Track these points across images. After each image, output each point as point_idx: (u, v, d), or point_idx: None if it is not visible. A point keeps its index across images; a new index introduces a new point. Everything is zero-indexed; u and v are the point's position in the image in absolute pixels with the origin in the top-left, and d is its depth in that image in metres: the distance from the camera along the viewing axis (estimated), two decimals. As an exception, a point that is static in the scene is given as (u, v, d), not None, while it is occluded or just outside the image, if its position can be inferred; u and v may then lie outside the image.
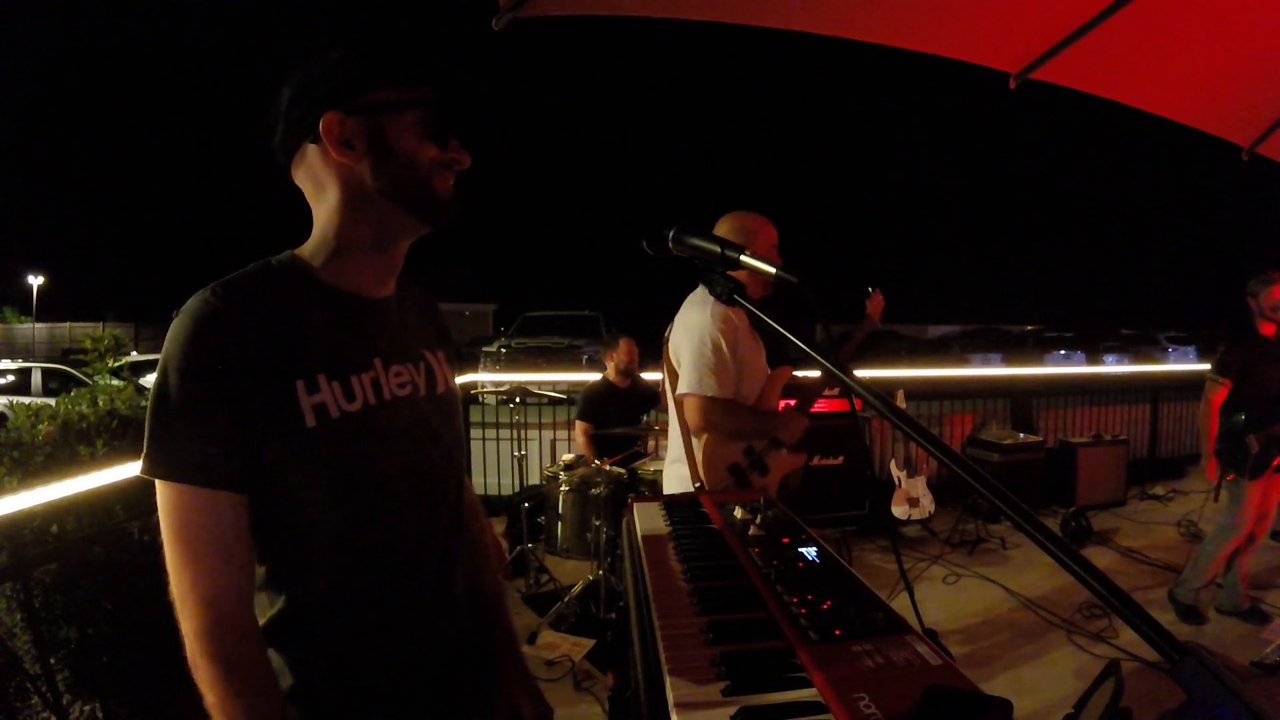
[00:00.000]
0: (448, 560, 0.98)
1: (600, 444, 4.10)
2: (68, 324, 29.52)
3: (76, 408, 2.39)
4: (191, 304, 0.78)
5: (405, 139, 0.84)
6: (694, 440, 2.03)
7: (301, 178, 0.89)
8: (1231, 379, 3.21)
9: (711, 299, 1.84)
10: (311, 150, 0.85)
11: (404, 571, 0.90)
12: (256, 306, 0.80)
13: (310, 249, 0.89)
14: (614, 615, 1.20)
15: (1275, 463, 3.15)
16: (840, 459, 4.80)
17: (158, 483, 0.77)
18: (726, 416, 1.96)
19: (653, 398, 4.32)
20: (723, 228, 2.05)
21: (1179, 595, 3.39)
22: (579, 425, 4.24)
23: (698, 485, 1.99)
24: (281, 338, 0.81)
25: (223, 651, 0.75)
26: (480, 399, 6.31)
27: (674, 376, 2.06)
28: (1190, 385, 7.17)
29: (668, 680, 0.75)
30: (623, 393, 4.28)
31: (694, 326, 1.99)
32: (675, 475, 2.12)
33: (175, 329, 0.77)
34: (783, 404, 2.15)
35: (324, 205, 0.87)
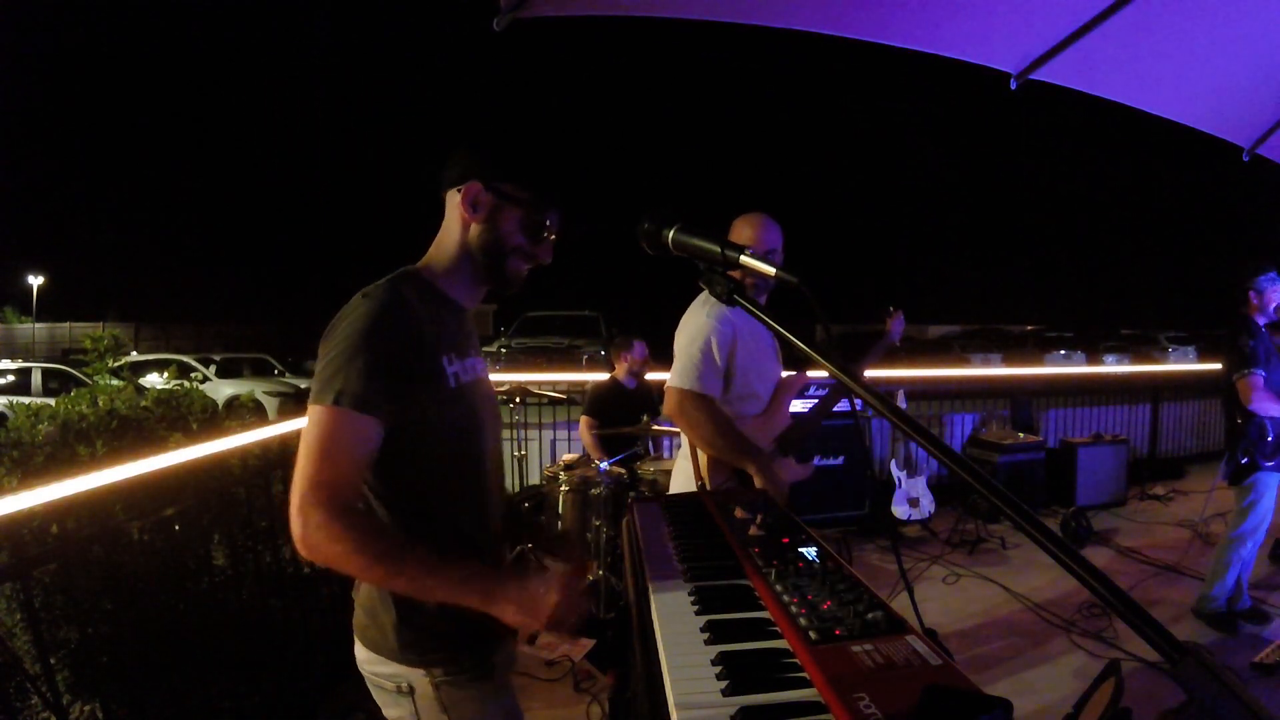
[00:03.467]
0: (499, 486, 1.33)
1: (602, 442, 4.10)
2: (68, 324, 29.52)
3: (76, 408, 2.39)
4: (374, 294, 1.08)
5: (507, 224, 1.16)
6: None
7: (447, 209, 1.19)
8: (1263, 368, 3.05)
9: (713, 300, 1.84)
10: (452, 195, 1.16)
11: (488, 500, 1.24)
12: (415, 300, 1.11)
13: (432, 264, 1.19)
14: (614, 615, 1.21)
15: None
16: (840, 459, 4.81)
17: (316, 408, 1.00)
18: (699, 414, 1.92)
19: (657, 400, 4.31)
20: (731, 231, 2.06)
21: (1203, 609, 3.28)
22: (584, 420, 4.24)
23: (700, 484, 1.99)
24: (431, 323, 1.11)
25: (333, 502, 0.95)
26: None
27: None
28: (1190, 385, 7.15)
29: (668, 680, 0.75)
30: (629, 394, 4.28)
31: (690, 324, 2.01)
32: (682, 471, 2.12)
33: (362, 309, 1.05)
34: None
35: (450, 238, 1.18)
